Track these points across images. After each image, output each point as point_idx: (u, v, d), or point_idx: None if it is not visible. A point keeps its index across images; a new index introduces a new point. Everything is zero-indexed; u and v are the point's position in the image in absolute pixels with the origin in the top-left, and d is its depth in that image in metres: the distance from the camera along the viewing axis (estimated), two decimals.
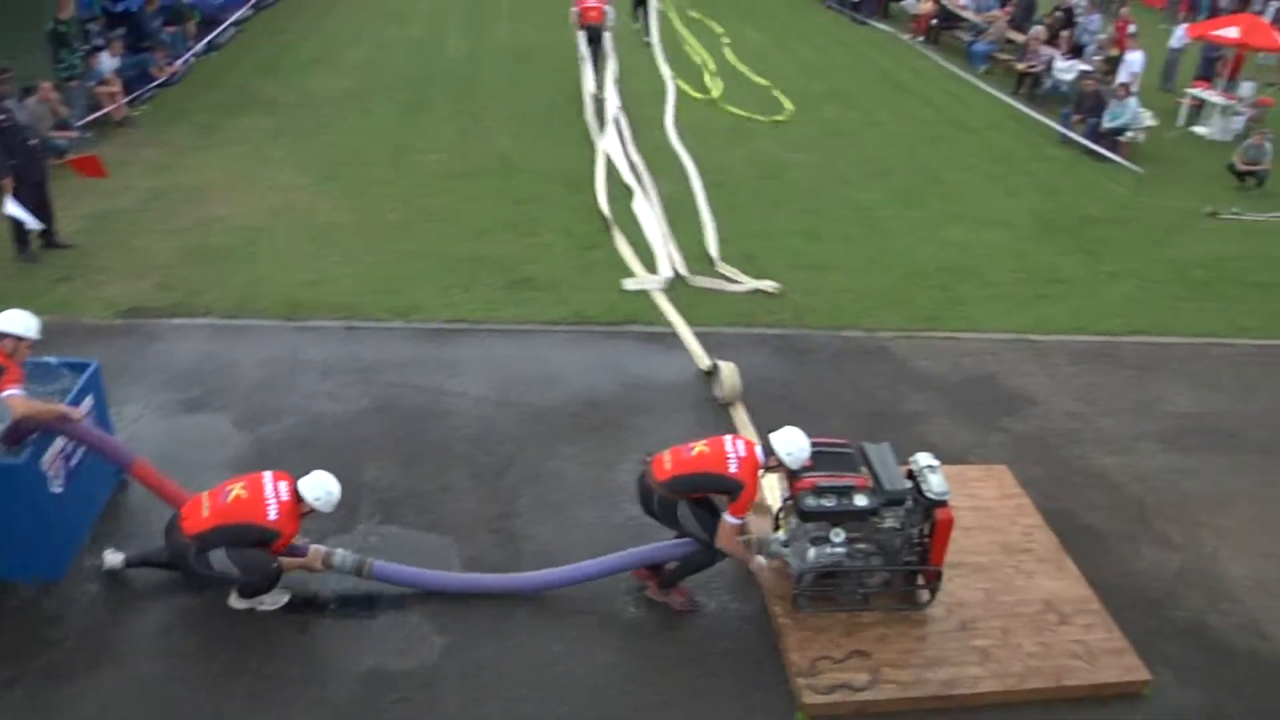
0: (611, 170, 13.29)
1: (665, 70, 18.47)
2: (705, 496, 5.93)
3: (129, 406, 7.71)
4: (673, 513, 5.91)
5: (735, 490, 5.74)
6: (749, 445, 5.91)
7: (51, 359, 6.60)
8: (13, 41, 12.75)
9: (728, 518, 5.79)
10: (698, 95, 17.74)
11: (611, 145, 14.02)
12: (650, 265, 10.73)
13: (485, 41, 20.65)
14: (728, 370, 8.33)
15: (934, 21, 24.76)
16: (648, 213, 11.95)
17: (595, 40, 17.28)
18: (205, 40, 18.14)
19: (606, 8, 17.47)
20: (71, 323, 8.86)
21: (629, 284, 10.28)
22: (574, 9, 17.53)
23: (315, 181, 12.58)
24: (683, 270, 10.67)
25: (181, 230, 10.94)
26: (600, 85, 16.24)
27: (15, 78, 10.82)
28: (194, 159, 13.14)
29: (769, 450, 5.87)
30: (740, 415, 8.13)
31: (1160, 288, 11.70)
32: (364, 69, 17.94)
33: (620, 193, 12.60)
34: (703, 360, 8.82)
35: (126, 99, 14.48)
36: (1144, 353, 10.09)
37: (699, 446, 5.92)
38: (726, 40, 22.50)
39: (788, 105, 17.63)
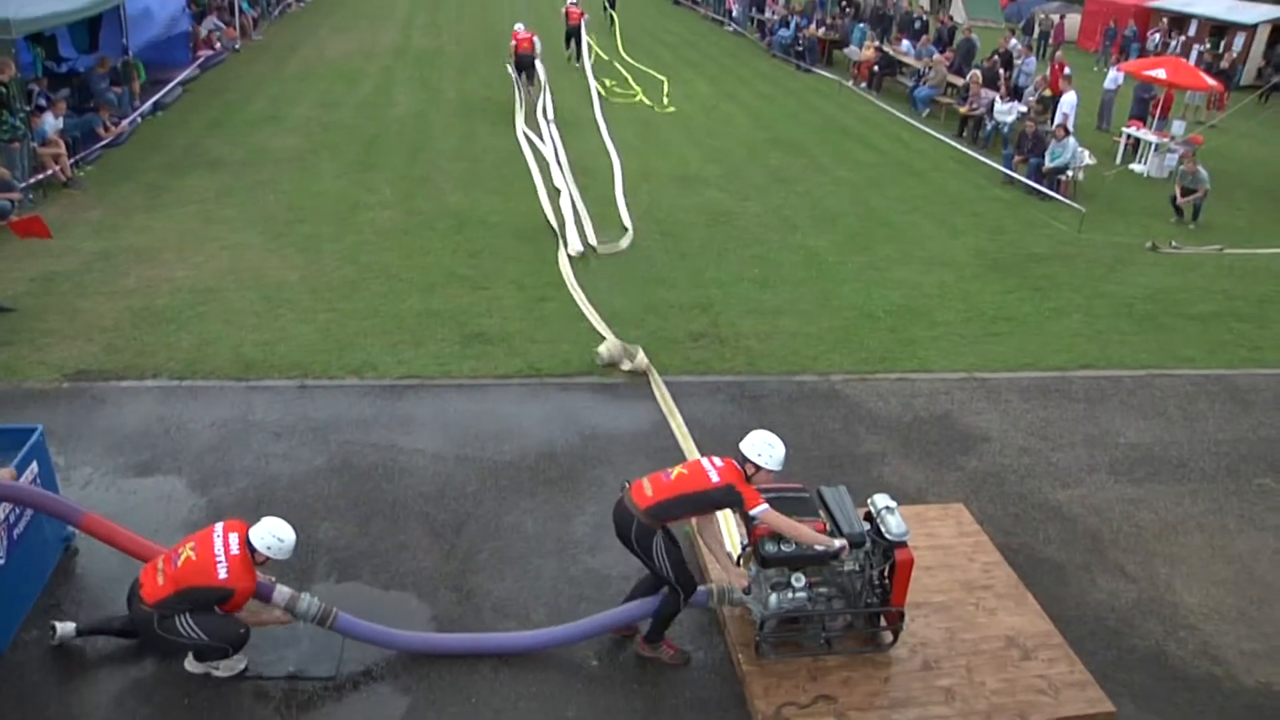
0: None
1: (592, 82, 22.65)
2: (673, 534, 5.90)
3: (77, 471, 7.59)
4: (649, 543, 5.79)
5: (726, 497, 5.70)
6: (725, 459, 5.89)
7: None
8: None
9: (757, 511, 5.68)
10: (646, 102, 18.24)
11: (547, 150, 16.78)
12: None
13: (434, 99, 20.78)
14: (608, 345, 9.70)
15: (876, 68, 25.40)
16: (568, 199, 14.19)
17: (528, 68, 20.73)
18: (152, 100, 18.12)
19: (535, 39, 20.88)
20: (14, 388, 8.72)
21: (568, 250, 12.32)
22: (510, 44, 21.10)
23: (265, 240, 12.53)
24: (593, 242, 12.83)
25: (129, 291, 10.82)
26: (533, 103, 19.95)
27: None
28: (141, 219, 13.02)
29: (743, 459, 5.83)
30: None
31: (1105, 322, 11.99)
32: (313, 127, 17.97)
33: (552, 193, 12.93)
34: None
35: (71, 159, 14.38)
36: (1092, 386, 10.31)
37: (677, 470, 5.91)
38: (666, 106, 22.79)
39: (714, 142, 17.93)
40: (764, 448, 5.80)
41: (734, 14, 35.12)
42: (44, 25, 14.99)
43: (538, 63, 21.23)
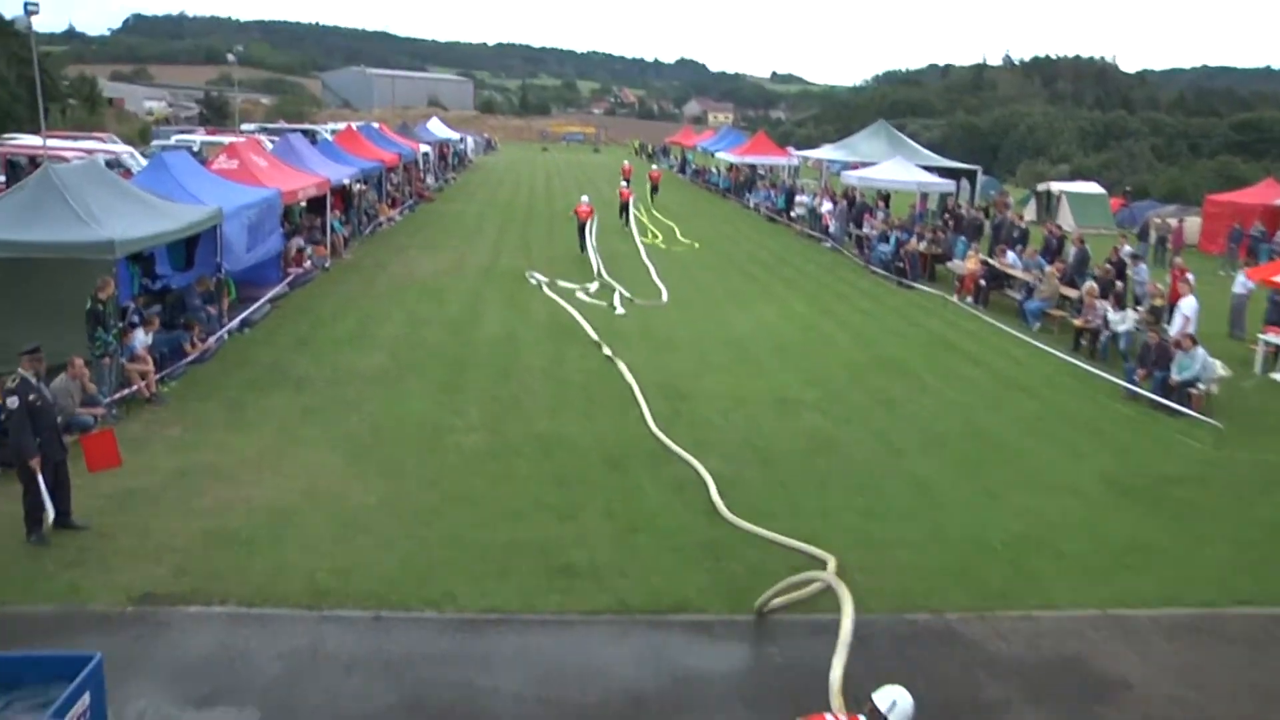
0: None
1: (636, 234, 33.07)
2: None
3: (131, 705, 7.61)
4: None
5: None
6: (849, 715, 5.97)
7: (48, 653, 6.53)
8: (54, 320, 13.74)
9: None
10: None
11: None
12: None
13: (523, 319, 21.63)
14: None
15: (981, 281, 25.66)
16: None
17: (585, 230, 30.67)
18: (240, 317, 19.22)
19: (593, 212, 31.56)
20: (78, 611, 8.93)
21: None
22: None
23: (346, 462, 12.90)
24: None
25: (204, 511, 11.16)
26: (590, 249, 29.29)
27: (45, 356, 11.34)
28: (221, 437, 13.57)
29: (873, 710, 5.90)
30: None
31: (1261, 551, 11.46)
32: (399, 346, 18.76)
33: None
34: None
35: (157, 375, 15.17)
36: (1253, 626, 9.76)
37: None
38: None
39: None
40: (900, 703, 5.94)
41: (831, 230, 36.31)
42: (146, 245, 16.33)
43: (593, 224, 31.13)
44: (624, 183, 43.41)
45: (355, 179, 31.94)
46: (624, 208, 38.46)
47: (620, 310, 23.02)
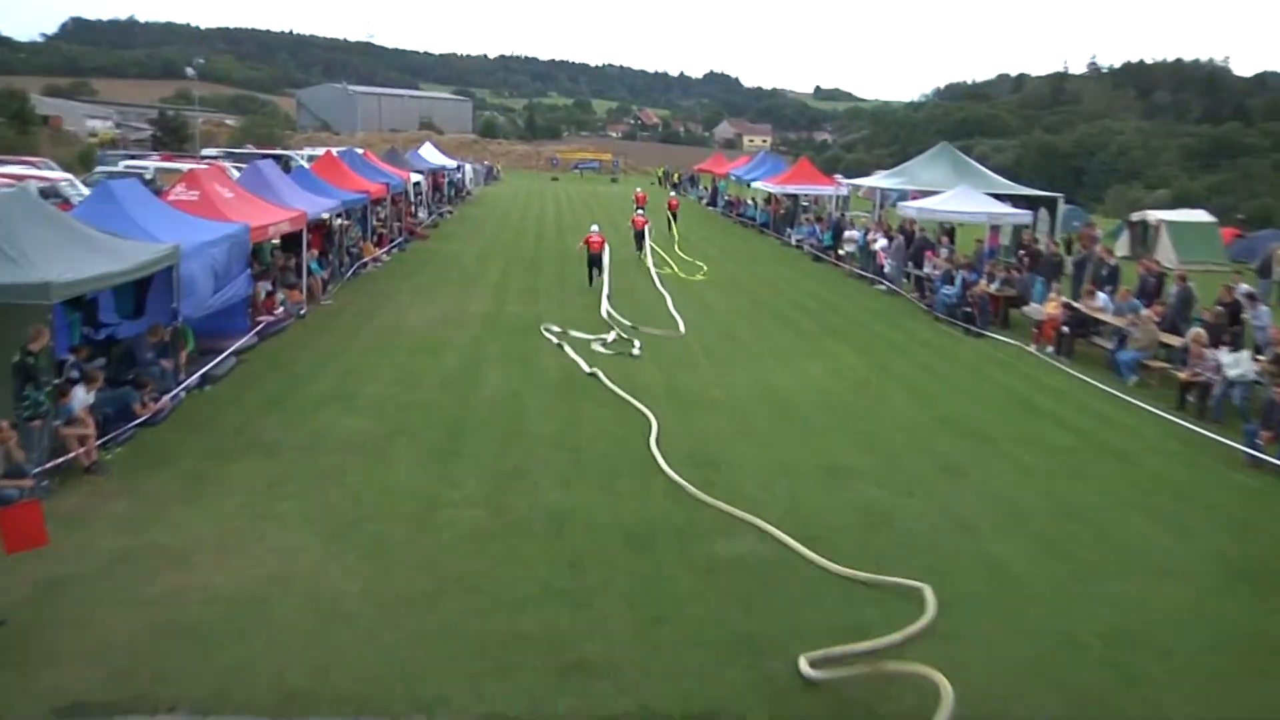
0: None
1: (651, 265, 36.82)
2: None
3: None
4: None
5: None
6: None
7: None
8: None
9: None
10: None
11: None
12: None
13: (531, 376, 21.64)
14: None
15: (1064, 328, 25.56)
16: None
17: (596, 263, 33.06)
18: (200, 372, 19.27)
19: (604, 243, 33.65)
20: None
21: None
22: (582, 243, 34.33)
23: (324, 541, 12.88)
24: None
25: (152, 601, 11.08)
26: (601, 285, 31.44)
27: None
28: (176, 513, 13.54)
29: None
30: None
31: None
32: (388, 408, 18.79)
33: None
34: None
35: (99, 440, 15.04)
36: None
37: None
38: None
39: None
40: None
41: (886, 270, 36.42)
42: (88, 289, 16.07)
43: (604, 257, 33.26)
44: (639, 210, 47.25)
45: (336, 213, 32.28)
46: (639, 237, 41.38)
47: (637, 352, 23.72)
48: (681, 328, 26.98)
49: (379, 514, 13.83)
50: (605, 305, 28.85)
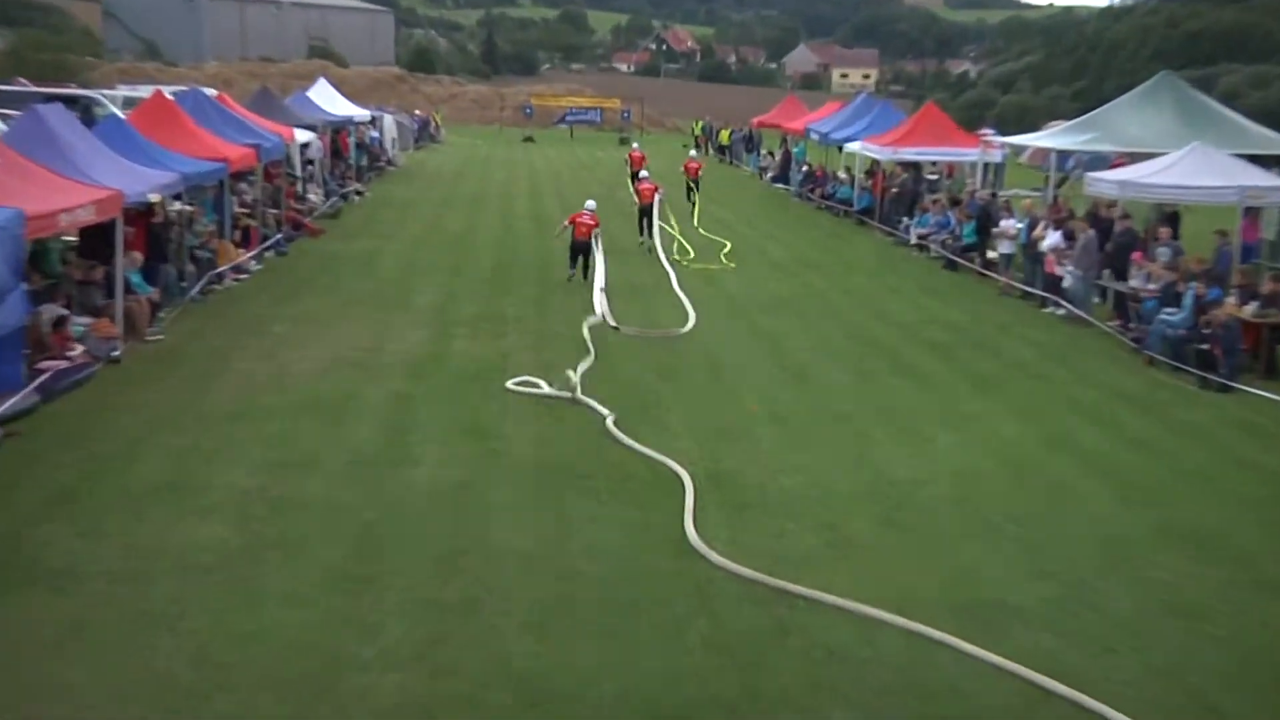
0: None
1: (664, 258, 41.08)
2: None
3: None
4: None
5: None
6: None
7: None
8: None
9: None
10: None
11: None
12: None
13: (488, 456, 21.59)
14: None
15: None
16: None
17: (585, 251, 37.32)
18: None
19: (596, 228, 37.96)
20: None
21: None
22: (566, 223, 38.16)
23: None
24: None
25: None
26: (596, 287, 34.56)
27: None
28: None
29: None
30: None
31: None
32: (255, 506, 18.66)
33: None
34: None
35: None
36: None
37: None
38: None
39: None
40: None
41: (1065, 282, 36.01)
42: None
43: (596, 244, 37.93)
44: (639, 174, 50.84)
45: (171, 193, 32.15)
46: (643, 214, 45.09)
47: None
48: (691, 321, 28.71)
49: (239, 680, 13.69)
50: (605, 310, 29.76)
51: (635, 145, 68.10)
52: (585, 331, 29.47)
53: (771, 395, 25.85)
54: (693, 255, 40.21)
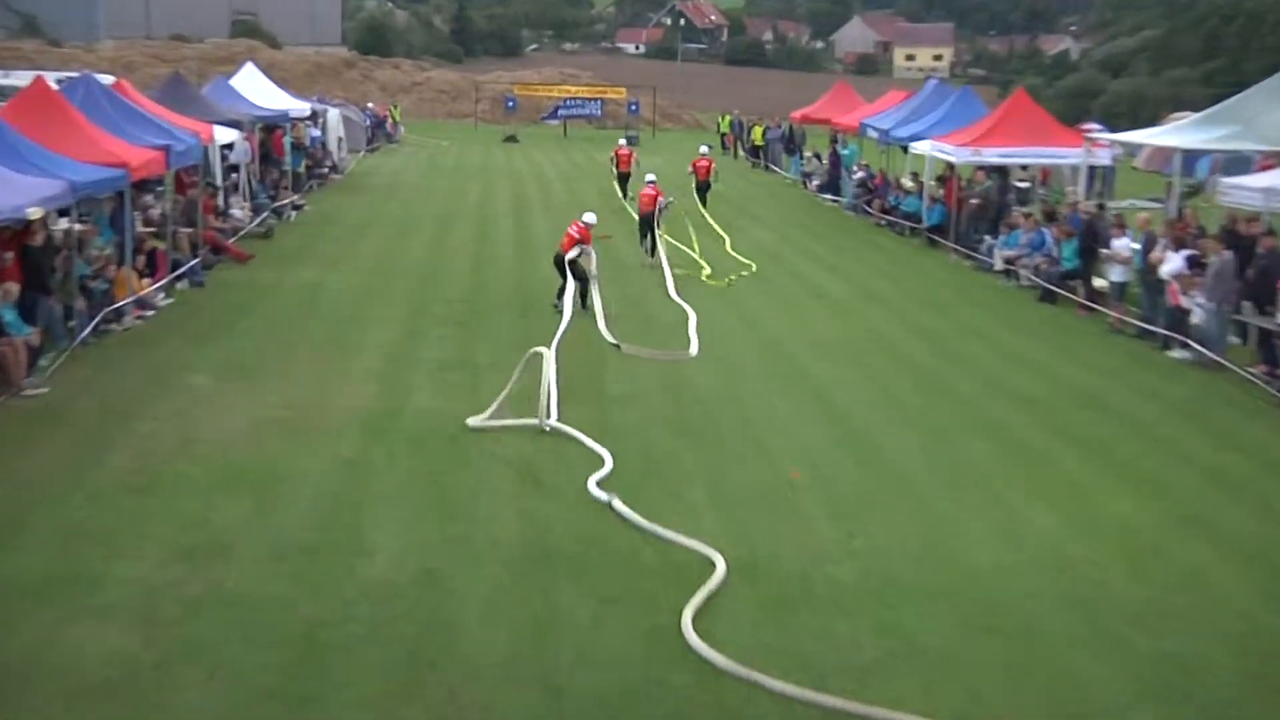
0: None
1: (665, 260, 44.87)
2: None
3: None
4: None
5: None
6: None
7: None
8: None
9: None
10: None
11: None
12: None
13: (461, 533, 21.73)
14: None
15: None
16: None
17: (568, 272, 38.95)
18: None
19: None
20: None
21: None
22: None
23: None
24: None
25: None
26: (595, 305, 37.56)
27: None
28: None
29: None
30: None
31: None
32: (165, 604, 18.57)
33: None
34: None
35: None
36: None
37: None
38: None
39: None
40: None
41: (1195, 318, 35.85)
42: None
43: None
44: (648, 177, 51.85)
45: (56, 206, 32.30)
46: (645, 223, 48.36)
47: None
48: (694, 347, 30.08)
49: None
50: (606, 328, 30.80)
51: (623, 141, 69.83)
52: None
53: (818, 459, 25.80)
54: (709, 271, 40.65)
